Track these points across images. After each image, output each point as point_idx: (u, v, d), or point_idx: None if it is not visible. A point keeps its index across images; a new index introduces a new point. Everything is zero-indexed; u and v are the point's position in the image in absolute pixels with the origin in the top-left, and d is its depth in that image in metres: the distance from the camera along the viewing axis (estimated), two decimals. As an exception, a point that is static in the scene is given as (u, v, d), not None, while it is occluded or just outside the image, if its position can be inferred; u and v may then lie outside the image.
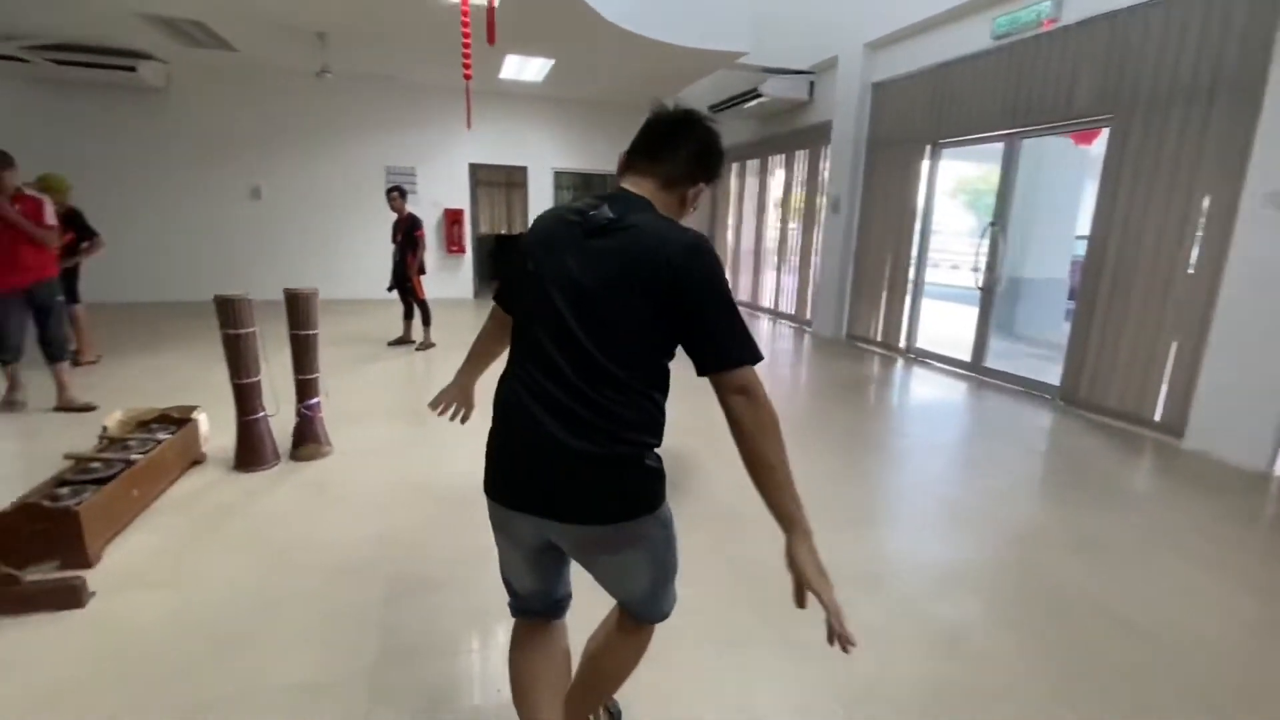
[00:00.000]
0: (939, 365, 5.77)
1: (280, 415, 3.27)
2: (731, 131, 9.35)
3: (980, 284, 5.28)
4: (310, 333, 3.23)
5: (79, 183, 7.34)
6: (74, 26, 6.27)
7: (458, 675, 1.79)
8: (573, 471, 1.06)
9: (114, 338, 5.83)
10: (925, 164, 5.78)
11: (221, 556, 2.37)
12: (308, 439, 3.28)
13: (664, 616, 1.30)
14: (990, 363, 5.34)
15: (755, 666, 1.86)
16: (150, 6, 5.64)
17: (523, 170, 9.38)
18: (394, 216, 5.87)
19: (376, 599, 2.12)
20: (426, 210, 8.83)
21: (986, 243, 5.22)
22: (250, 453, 3.11)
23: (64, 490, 2.34)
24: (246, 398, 3.08)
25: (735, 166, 9.68)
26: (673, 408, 1.22)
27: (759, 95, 7.31)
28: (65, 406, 3.86)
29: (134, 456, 2.67)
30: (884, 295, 6.37)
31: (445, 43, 6.21)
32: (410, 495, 2.90)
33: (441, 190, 8.96)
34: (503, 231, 11.22)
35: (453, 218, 8.98)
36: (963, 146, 5.56)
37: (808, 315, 7.72)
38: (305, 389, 3.26)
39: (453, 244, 9.05)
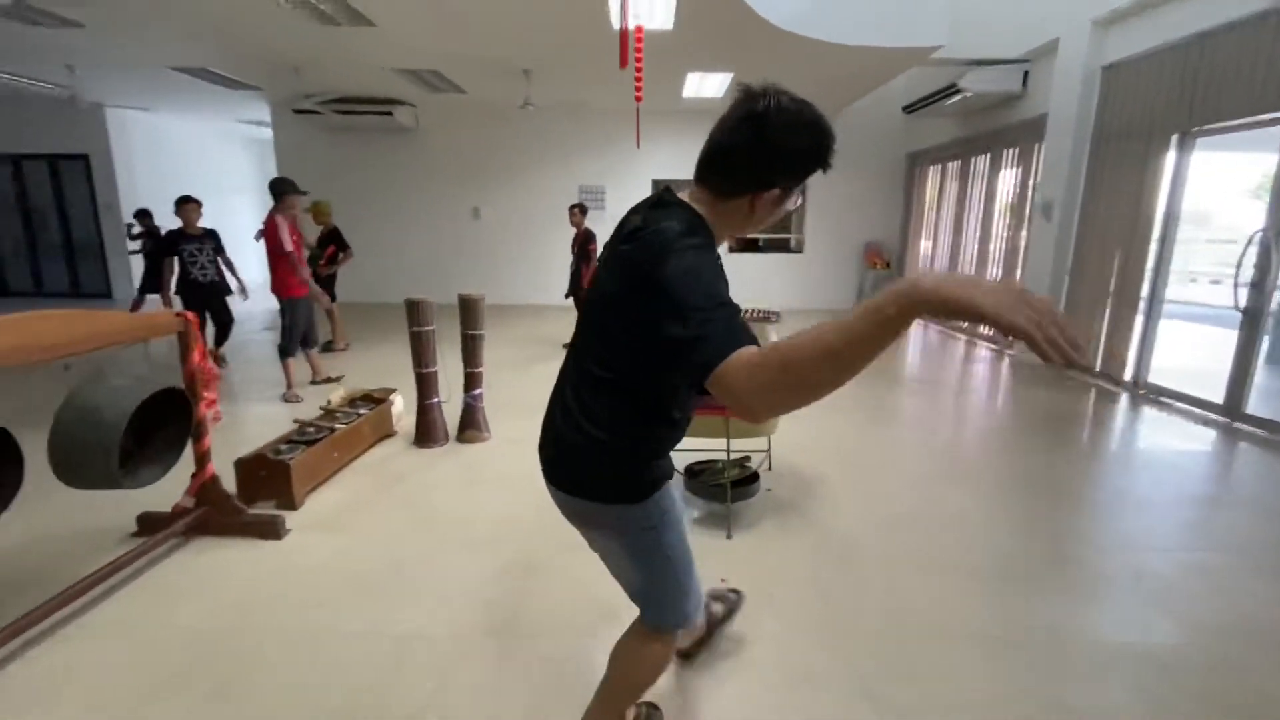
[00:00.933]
0: (1178, 406, 4.65)
1: (452, 402, 3.78)
2: (929, 133, 8.55)
3: (1242, 304, 4.16)
4: (477, 333, 3.69)
5: (346, 206, 9.18)
6: (350, 83, 7.90)
7: (533, 653, 1.92)
8: (559, 444, 1.21)
9: (360, 331, 7.17)
10: (1169, 157, 4.72)
11: (384, 515, 2.82)
12: (470, 425, 3.74)
13: (668, 626, 1.29)
14: (1255, 408, 4.17)
15: (818, 712, 1.71)
16: (401, 62, 6.89)
17: (703, 184, 9.58)
18: (574, 231, 6.40)
19: (489, 573, 2.36)
20: (614, 226, 9.47)
21: (1255, 252, 4.10)
22: (425, 432, 3.64)
23: (284, 447, 2.99)
24: (425, 385, 3.62)
25: (933, 170, 8.83)
26: (804, 429, 1.20)
27: (958, 91, 6.60)
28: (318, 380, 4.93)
29: (338, 426, 3.31)
30: (1107, 315, 5.33)
31: (629, 69, 6.62)
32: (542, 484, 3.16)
33: (628, 206, 9.51)
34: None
35: (635, 231, 9.48)
36: (1224, 134, 4.43)
37: (1008, 336, 6.74)
38: (471, 381, 3.72)
39: (633, 256, 9.56)
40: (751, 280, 9.66)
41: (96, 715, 1.66)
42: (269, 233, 4.47)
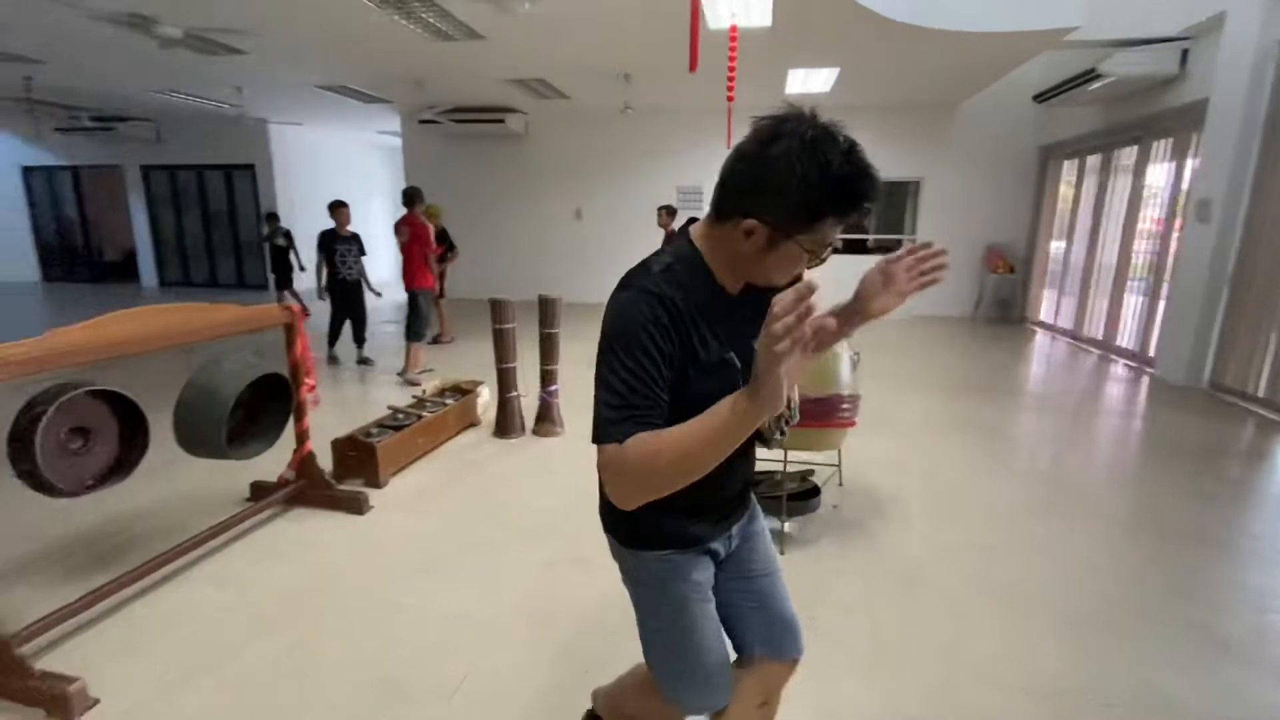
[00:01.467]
0: (1371, 444, 3.87)
1: (530, 396, 3.96)
2: (1065, 123, 7.70)
3: None
4: (553, 331, 3.83)
5: (460, 209, 9.83)
6: (466, 94, 8.46)
7: (560, 645, 1.99)
8: None
9: (467, 326, 7.67)
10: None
11: (457, 500, 3.02)
12: (545, 419, 3.90)
13: (666, 694, 1.16)
14: None
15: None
16: (510, 73, 7.28)
17: (807, 183, 9.28)
18: (662, 232, 6.45)
19: (538, 562, 2.46)
20: (711, 225, 9.45)
21: None
22: (504, 424, 3.84)
23: (375, 430, 3.28)
24: (505, 379, 3.82)
25: (1069, 164, 7.95)
26: (890, 445, 1.17)
27: (1099, 76, 5.89)
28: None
29: (425, 414, 3.57)
30: (1275, 334, 4.54)
31: (721, 72, 6.56)
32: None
33: (726, 206, 9.44)
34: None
35: (733, 232, 9.37)
36: None
37: (1150, 353, 5.93)
38: (547, 377, 3.88)
39: (730, 257, 9.45)
40: (855, 280, 9.22)
41: (197, 651, 1.93)
42: (416, 230, 5.13)
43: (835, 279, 1.02)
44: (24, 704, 1.67)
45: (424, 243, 5.28)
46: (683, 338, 0.93)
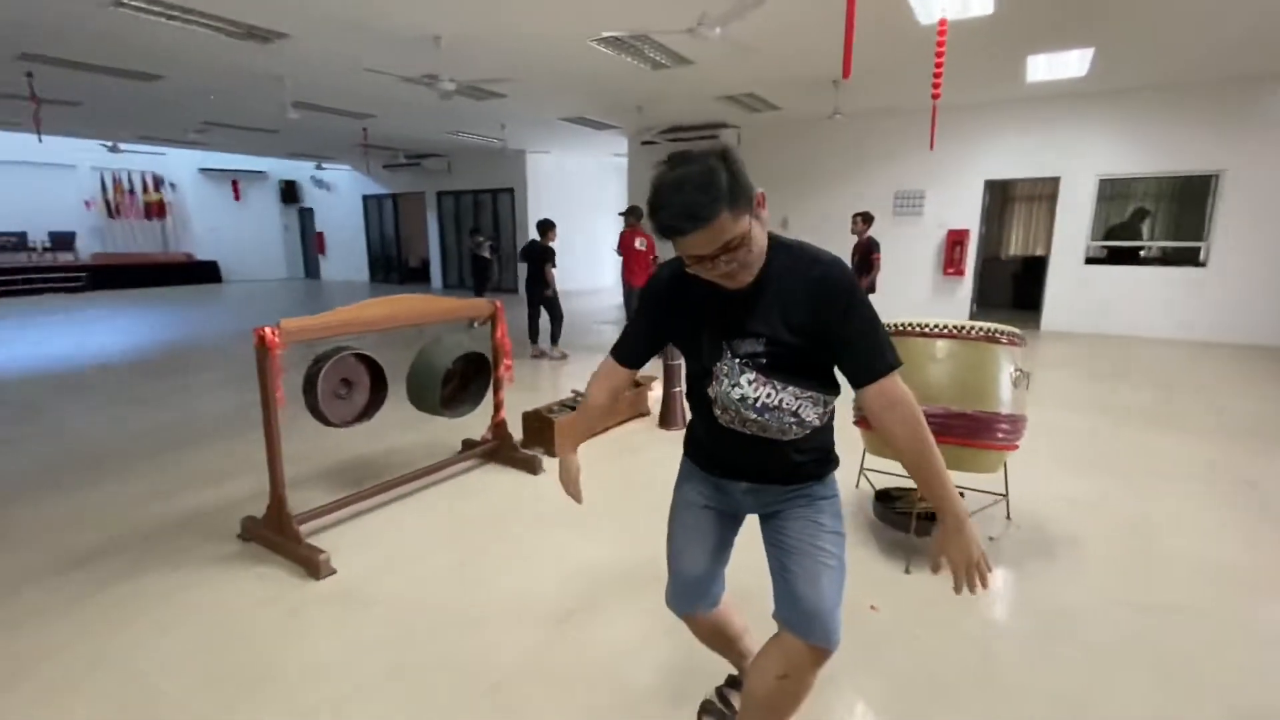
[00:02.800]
0: None
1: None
2: None
3: None
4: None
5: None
6: (682, 114, 9.07)
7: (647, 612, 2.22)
8: None
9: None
10: None
11: (613, 474, 3.42)
12: (706, 416, 4.15)
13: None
14: None
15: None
16: (721, 90, 7.66)
17: (1053, 182, 8.05)
18: (855, 239, 6.23)
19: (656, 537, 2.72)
20: (932, 232, 8.73)
21: None
22: (666, 416, 4.18)
23: (557, 408, 3.86)
24: (670, 375, 4.16)
25: None
26: (1087, 482, 1.32)
27: None
28: None
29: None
30: None
31: (948, 66, 6.09)
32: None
33: (950, 210, 8.64)
34: (1037, 252, 9.88)
35: (955, 239, 8.54)
36: None
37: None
38: (710, 376, 4.12)
39: (950, 266, 8.62)
40: (1122, 297, 7.76)
41: (402, 552, 2.59)
42: (625, 243, 6.42)
43: (1111, 286, 1.00)
44: (293, 561, 2.45)
45: (626, 251, 6.52)
46: None
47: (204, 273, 15.39)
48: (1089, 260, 8.04)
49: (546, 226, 6.72)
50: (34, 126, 8.07)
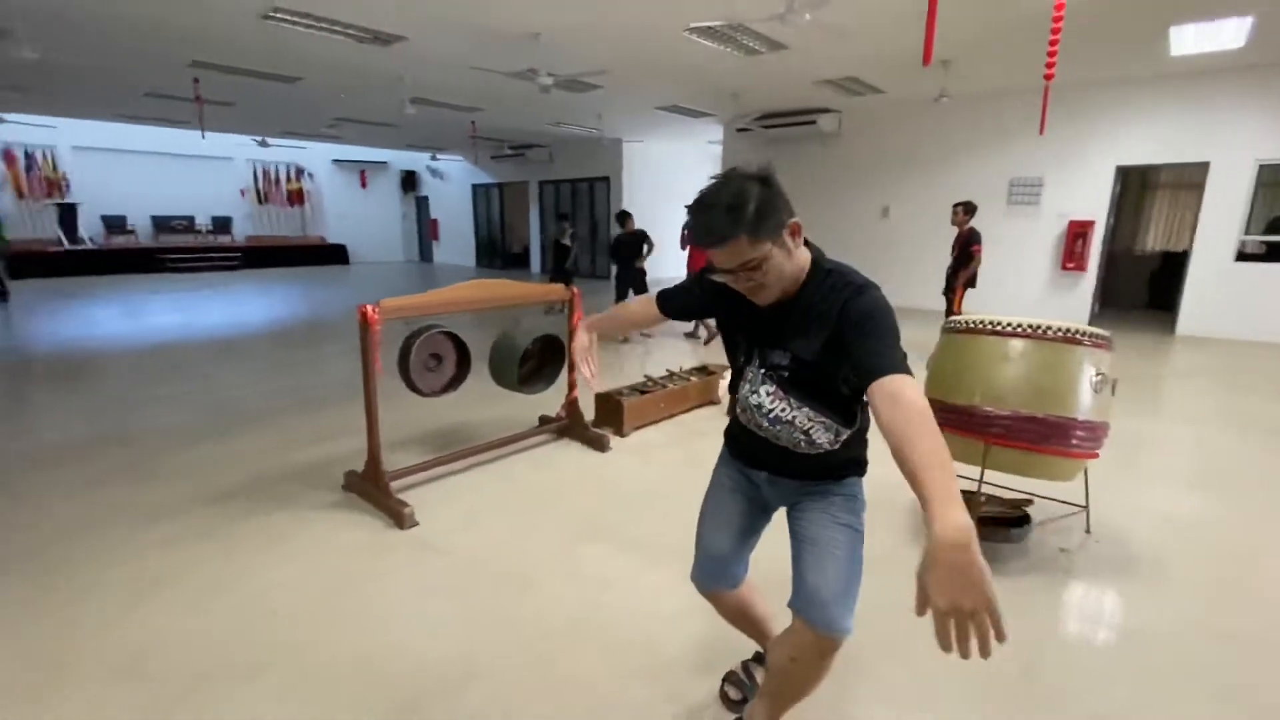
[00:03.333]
0: None
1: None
2: None
3: None
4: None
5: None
6: (778, 100, 8.89)
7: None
8: None
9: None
10: None
11: (675, 456, 3.54)
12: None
13: None
14: None
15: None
16: (819, 74, 7.45)
17: (1202, 168, 7.14)
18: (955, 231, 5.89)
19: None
20: (1050, 222, 8.05)
21: None
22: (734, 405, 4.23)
23: (627, 391, 4.02)
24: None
25: None
26: (1188, 498, 1.39)
27: None
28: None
29: (671, 385, 4.19)
30: None
31: (1075, 40, 5.59)
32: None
33: (1074, 200, 7.91)
34: (1181, 247, 8.82)
35: (1076, 230, 7.82)
36: None
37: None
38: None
39: (1069, 260, 7.90)
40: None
41: (478, 511, 2.86)
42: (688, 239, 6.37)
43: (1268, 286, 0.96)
44: (383, 512, 2.78)
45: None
46: None
47: (334, 255, 16.99)
48: (1241, 257, 7.10)
49: (625, 216, 6.94)
50: (199, 124, 9.28)
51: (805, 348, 1.25)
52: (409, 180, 18.19)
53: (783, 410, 1.27)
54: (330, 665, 1.87)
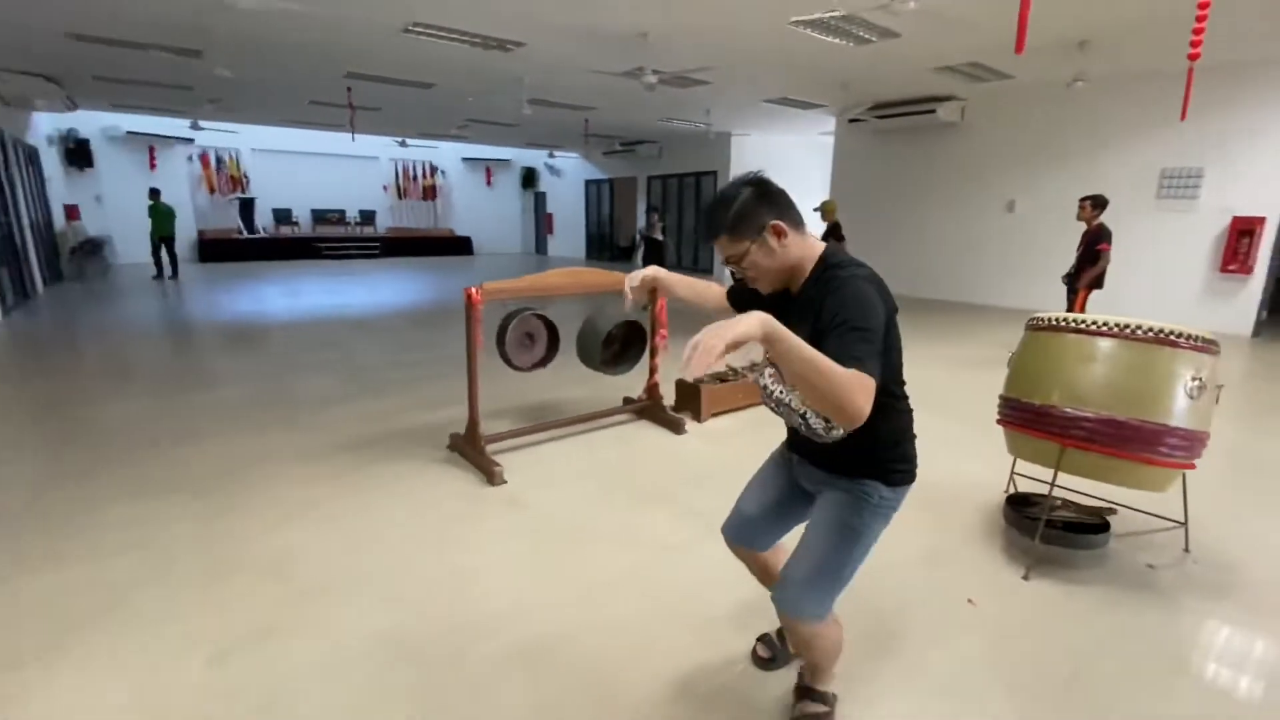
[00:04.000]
0: None
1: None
2: None
3: None
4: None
5: (883, 204, 10.01)
6: (893, 89, 8.54)
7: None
8: None
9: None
10: None
11: (748, 443, 3.66)
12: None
13: None
14: None
15: None
16: (937, 61, 7.11)
17: None
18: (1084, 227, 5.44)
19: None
20: (1209, 219, 7.15)
21: None
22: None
23: (708, 379, 4.18)
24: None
25: None
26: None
27: None
28: None
29: (751, 376, 4.29)
30: None
31: (1242, 12, 4.97)
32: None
33: (1239, 194, 6.97)
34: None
35: (1242, 228, 6.87)
36: None
37: None
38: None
39: (1232, 262, 6.97)
40: None
41: (560, 476, 3.16)
42: None
43: None
44: (478, 470, 3.15)
45: None
46: None
47: (460, 246, 18.40)
48: None
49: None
50: (350, 128, 10.47)
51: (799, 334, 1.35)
52: (529, 177, 19.25)
53: (781, 393, 1.40)
54: (421, 584, 2.23)
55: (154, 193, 11.43)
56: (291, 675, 1.78)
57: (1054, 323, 2.46)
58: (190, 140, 14.04)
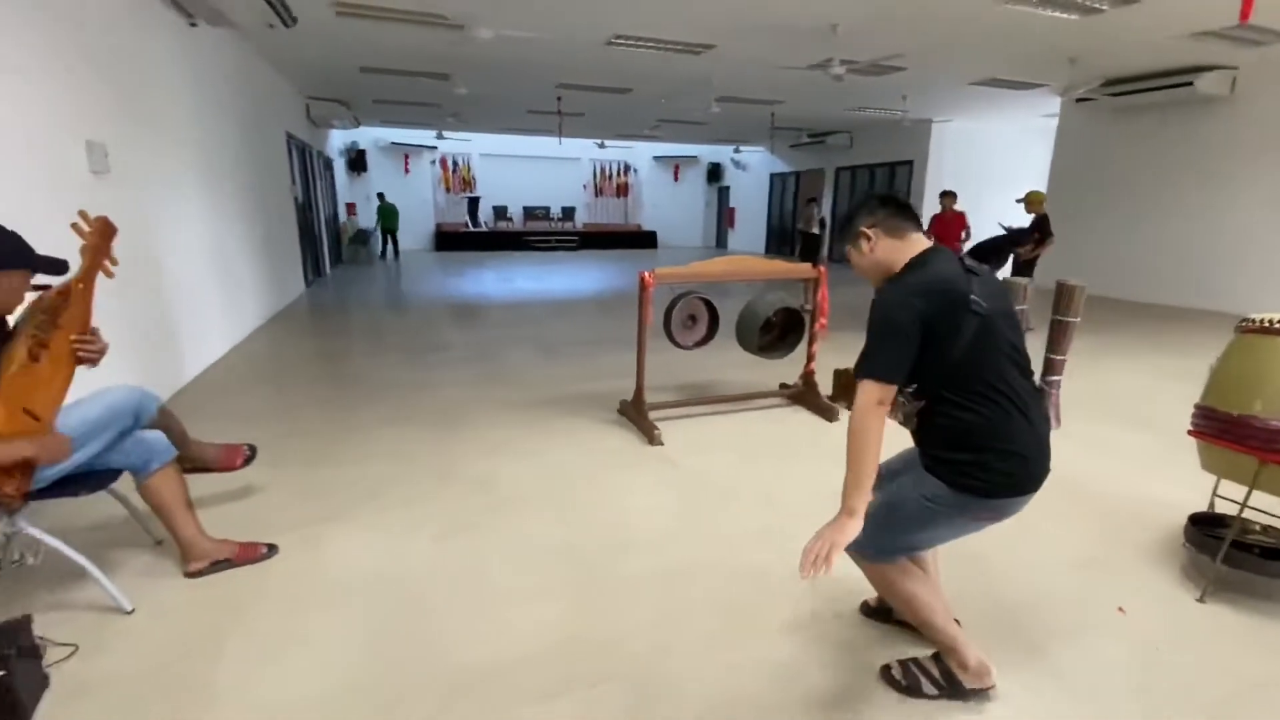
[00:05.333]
0: None
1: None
2: None
3: None
4: (1067, 319, 3.68)
5: (1114, 193, 8.76)
6: (1130, 61, 7.38)
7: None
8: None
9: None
10: None
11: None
12: (1037, 407, 3.84)
13: None
14: None
15: None
16: (1194, 25, 6.06)
17: None
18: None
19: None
20: None
21: None
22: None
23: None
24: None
25: None
26: None
27: None
28: None
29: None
30: None
31: None
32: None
33: None
34: None
35: None
36: None
37: None
38: (1050, 366, 3.78)
39: None
40: None
41: (699, 447, 3.48)
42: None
43: None
44: (640, 432, 3.59)
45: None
46: None
47: (646, 240, 19.48)
48: None
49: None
50: (558, 133, 11.72)
51: None
52: (714, 172, 19.69)
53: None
54: (586, 509, 2.72)
55: (380, 196, 14.38)
56: (487, 556, 2.35)
57: (1269, 324, 2.19)
58: (434, 148, 16.72)
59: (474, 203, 17.86)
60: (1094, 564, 2.36)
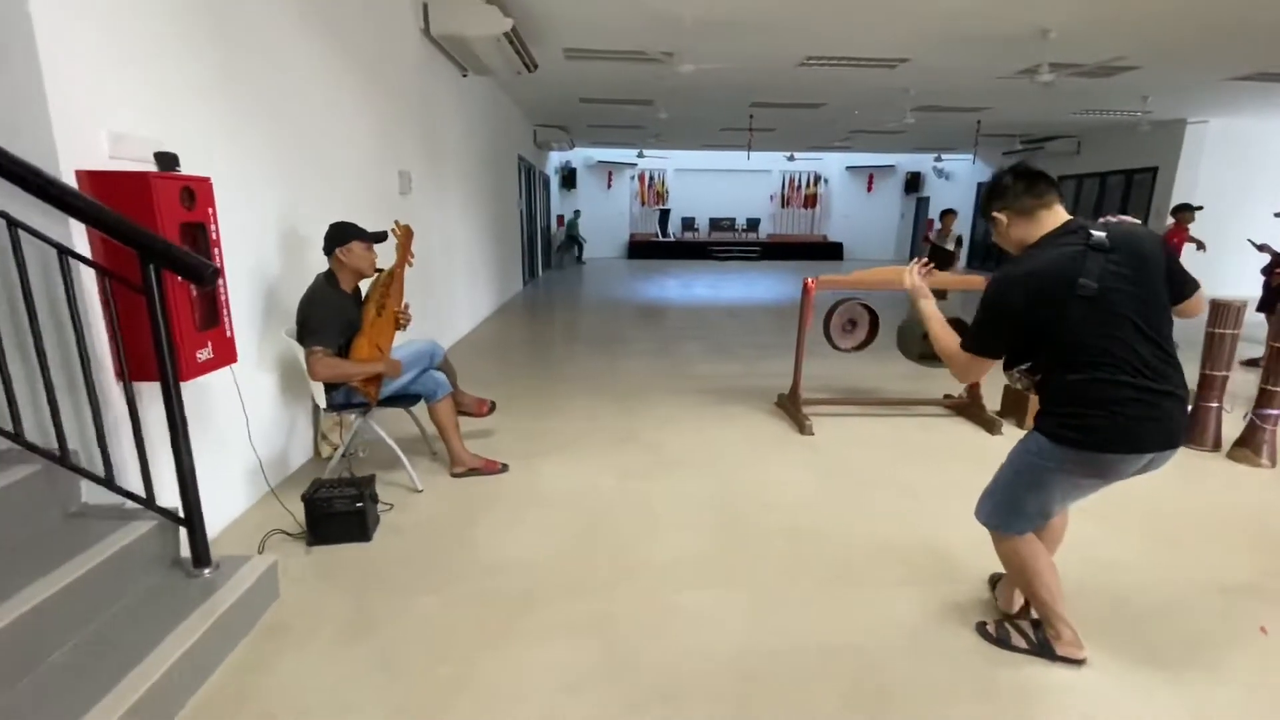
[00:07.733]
0: None
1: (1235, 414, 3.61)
2: None
3: None
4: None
5: None
6: None
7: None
8: (1182, 411, 1.61)
9: None
10: None
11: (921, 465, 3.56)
12: (1248, 443, 3.48)
13: None
14: None
15: None
16: None
17: None
18: None
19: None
20: None
21: None
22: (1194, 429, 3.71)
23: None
24: (1207, 385, 3.65)
25: None
26: None
27: None
28: None
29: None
30: None
31: None
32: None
33: None
34: None
35: None
36: None
37: None
38: (1264, 398, 3.41)
39: None
40: None
41: (848, 441, 3.76)
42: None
43: None
44: (794, 422, 3.97)
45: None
46: None
47: (831, 251, 19.14)
48: None
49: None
50: (748, 148, 12.24)
51: None
52: (913, 181, 18.70)
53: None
54: (737, 475, 3.23)
55: (576, 211, 16.21)
56: (654, 497, 2.97)
57: None
58: (634, 164, 18.24)
59: (665, 214, 19.09)
60: (1248, 590, 2.29)
